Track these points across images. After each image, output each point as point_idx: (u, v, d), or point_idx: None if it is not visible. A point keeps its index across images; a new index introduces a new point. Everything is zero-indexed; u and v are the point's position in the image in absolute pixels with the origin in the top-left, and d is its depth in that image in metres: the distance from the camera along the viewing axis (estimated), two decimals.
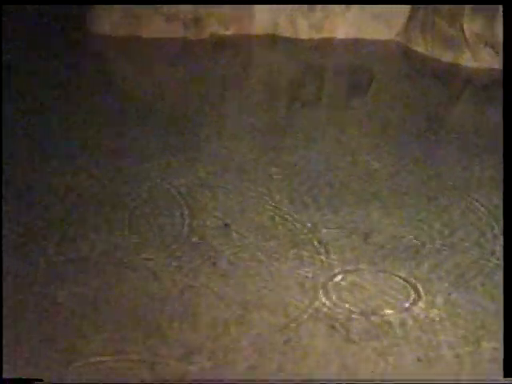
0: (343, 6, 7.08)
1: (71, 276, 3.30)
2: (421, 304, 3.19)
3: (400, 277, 3.37)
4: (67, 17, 7.40)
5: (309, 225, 3.78)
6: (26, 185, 4.11)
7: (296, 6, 7.10)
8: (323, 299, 3.19)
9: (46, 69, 6.07)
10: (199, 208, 3.91)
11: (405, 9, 7.02)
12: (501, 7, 5.73)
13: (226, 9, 7.05)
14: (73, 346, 2.87)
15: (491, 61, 6.25)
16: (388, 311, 3.14)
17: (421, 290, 3.28)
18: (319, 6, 7.11)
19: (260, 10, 7.14)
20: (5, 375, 2.69)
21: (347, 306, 3.16)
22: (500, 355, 2.86)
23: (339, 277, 3.36)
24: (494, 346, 2.95)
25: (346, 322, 3.06)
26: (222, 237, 3.65)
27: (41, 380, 2.66)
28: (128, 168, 4.34)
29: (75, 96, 5.52)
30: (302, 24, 7.14)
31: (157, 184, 4.15)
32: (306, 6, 7.10)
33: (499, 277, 3.35)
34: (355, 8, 7.11)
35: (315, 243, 3.62)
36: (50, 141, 4.69)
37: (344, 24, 7.17)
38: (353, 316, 3.10)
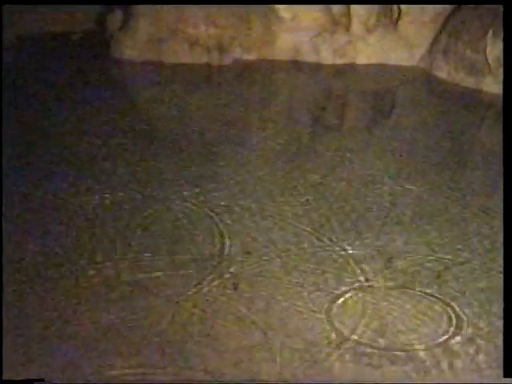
0: (365, 31, 7.11)
1: (94, 299, 3.30)
2: (446, 328, 3.17)
3: (424, 299, 3.35)
4: (90, 42, 7.50)
5: (332, 249, 3.77)
6: (59, 209, 4.15)
7: (319, 32, 7.14)
8: (346, 323, 3.17)
9: (69, 95, 6.12)
10: (222, 232, 3.91)
11: (427, 35, 7.03)
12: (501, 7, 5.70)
13: (249, 34, 7.10)
14: (94, 368, 2.87)
15: None
16: (412, 333, 3.12)
17: (444, 312, 3.26)
18: (342, 32, 7.14)
19: (283, 35, 7.18)
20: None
21: (370, 328, 3.14)
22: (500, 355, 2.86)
23: (360, 301, 3.34)
24: None
25: (370, 347, 3.04)
26: (244, 261, 3.64)
27: (42, 380, 2.66)
28: (152, 194, 4.34)
29: (98, 122, 5.55)
30: (324, 49, 7.17)
31: (180, 210, 4.15)
32: (328, 31, 7.14)
33: None
34: (377, 33, 7.13)
35: (338, 267, 3.60)
36: (78, 167, 4.72)
37: (366, 49, 7.20)
38: (375, 339, 3.08)
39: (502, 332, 2.98)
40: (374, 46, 7.21)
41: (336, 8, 7.22)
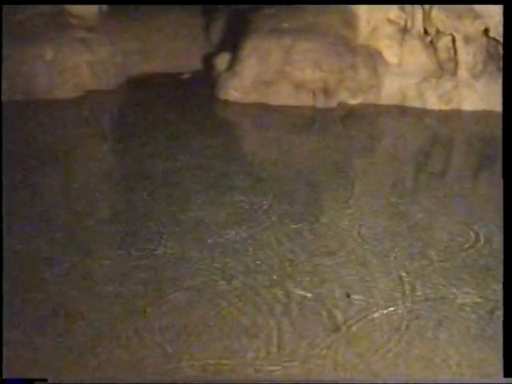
0: (472, 77, 7.06)
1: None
2: None
3: None
4: (198, 83, 7.67)
5: (432, 297, 3.73)
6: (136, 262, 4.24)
7: (425, 77, 7.14)
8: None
9: (177, 135, 6.26)
10: (321, 277, 3.91)
11: None
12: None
13: (355, 78, 7.14)
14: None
15: None
16: None
17: None
18: (448, 77, 7.12)
19: (388, 80, 7.21)
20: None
21: None
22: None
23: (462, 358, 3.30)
24: None
25: None
26: (343, 306, 3.64)
27: (45, 380, 2.72)
28: (259, 233, 4.41)
29: (202, 162, 5.65)
30: (430, 95, 7.16)
31: (278, 252, 4.18)
32: (434, 76, 7.13)
33: None
34: (484, 79, 7.08)
35: (437, 316, 3.55)
36: (182, 209, 4.82)
37: (472, 95, 7.14)
38: None
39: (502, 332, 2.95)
40: (480, 92, 7.15)
41: (442, 53, 7.22)
